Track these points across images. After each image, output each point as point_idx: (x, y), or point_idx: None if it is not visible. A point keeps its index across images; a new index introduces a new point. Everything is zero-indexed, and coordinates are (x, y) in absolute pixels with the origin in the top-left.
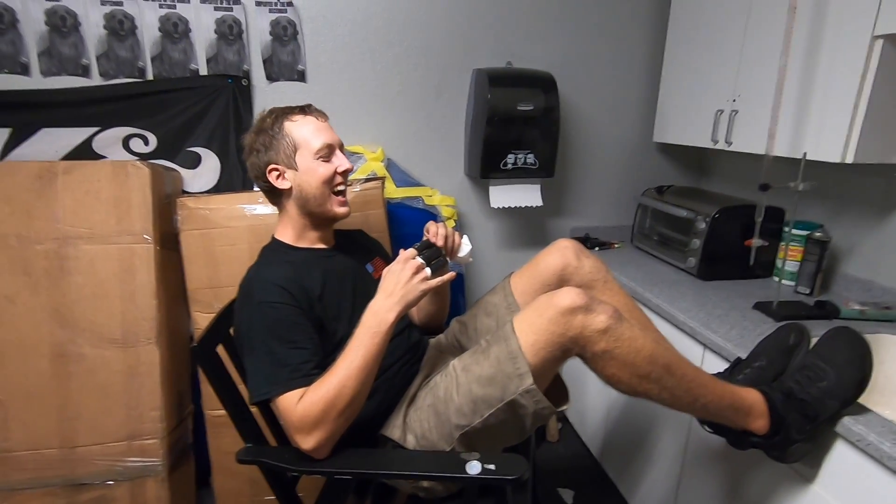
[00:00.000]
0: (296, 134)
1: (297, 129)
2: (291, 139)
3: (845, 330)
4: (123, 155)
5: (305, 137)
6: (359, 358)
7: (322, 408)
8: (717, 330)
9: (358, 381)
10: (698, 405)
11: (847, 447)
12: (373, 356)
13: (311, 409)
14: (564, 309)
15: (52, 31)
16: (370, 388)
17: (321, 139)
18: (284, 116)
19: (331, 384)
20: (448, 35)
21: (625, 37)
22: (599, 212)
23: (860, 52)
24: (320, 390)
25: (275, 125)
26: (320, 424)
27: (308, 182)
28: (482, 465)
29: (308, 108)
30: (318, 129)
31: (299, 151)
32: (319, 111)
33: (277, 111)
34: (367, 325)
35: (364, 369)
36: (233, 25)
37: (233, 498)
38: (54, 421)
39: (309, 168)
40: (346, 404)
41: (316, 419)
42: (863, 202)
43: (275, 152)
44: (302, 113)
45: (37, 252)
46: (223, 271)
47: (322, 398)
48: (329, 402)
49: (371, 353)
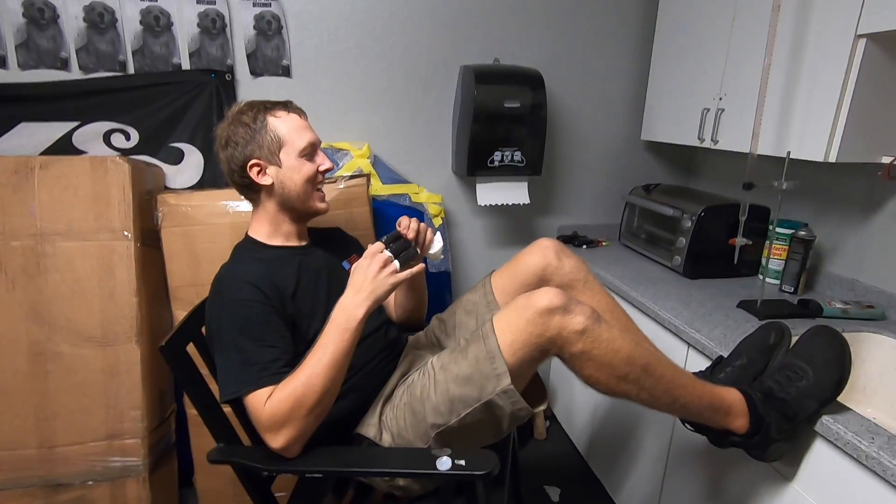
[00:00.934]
0: (281, 130)
1: (282, 125)
2: (276, 135)
3: (824, 329)
4: (104, 150)
5: (291, 134)
6: (327, 355)
7: (290, 405)
8: (701, 329)
9: (327, 379)
10: (678, 405)
11: (825, 446)
12: (342, 353)
13: (280, 406)
14: (542, 309)
15: (30, 23)
16: (340, 385)
17: (305, 138)
18: (267, 111)
19: (298, 381)
20: (435, 31)
21: (613, 34)
22: (587, 210)
23: (843, 51)
24: (288, 388)
25: (257, 119)
26: (289, 422)
27: (291, 179)
28: (453, 461)
29: (289, 104)
30: (301, 128)
31: (284, 148)
32: (299, 108)
33: (257, 105)
34: (337, 321)
35: (333, 366)
36: (216, 19)
37: (216, 497)
38: (32, 420)
39: (293, 166)
40: (314, 402)
41: (284, 417)
42: (846, 201)
43: (257, 147)
44: (285, 109)
45: (13, 249)
46: (205, 269)
47: (290, 395)
48: (297, 399)
49: (340, 349)
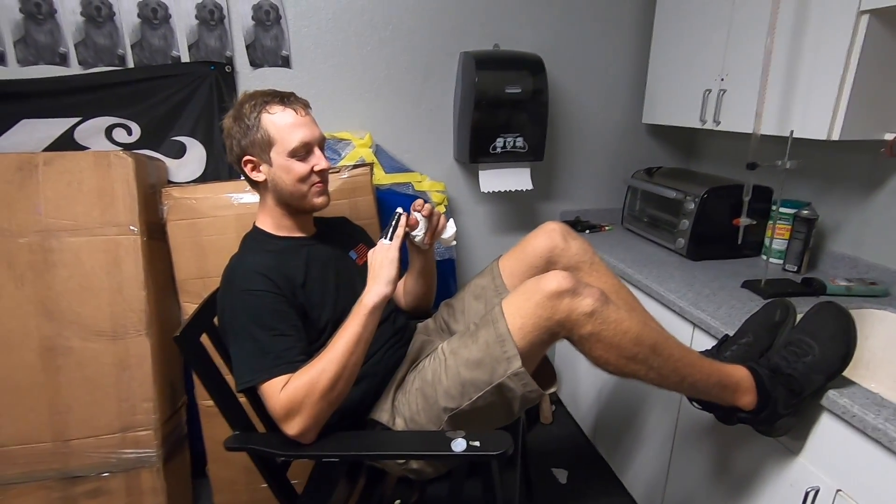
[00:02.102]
0: (272, 129)
1: (274, 123)
2: (267, 134)
3: (830, 305)
4: (106, 145)
5: (282, 134)
6: (341, 343)
7: (304, 393)
8: (706, 309)
9: (339, 366)
10: (686, 384)
11: (832, 419)
12: (354, 340)
13: (294, 394)
14: (551, 293)
15: (28, 18)
16: (355, 373)
17: (298, 137)
18: (264, 106)
19: (313, 370)
20: (434, 17)
21: (613, 17)
22: (589, 194)
23: (846, 27)
24: (303, 377)
25: (252, 114)
26: (303, 410)
27: (282, 178)
28: (467, 443)
29: (289, 98)
30: (296, 125)
31: (274, 148)
32: (302, 102)
33: (258, 98)
34: (353, 312)
35: (346, 354)
36: (213, 10)
37: (229, 486)
38: (45, 415)
39: (283, 166)
40: (327, 389)
41: (299, 404)
42: (849, 179)
43: (249, 143)
44: (282, 104)
45: (20, 245)
46: (211, 261)
47: (304, 383)
48: (310, 386)
49: (352, 336)
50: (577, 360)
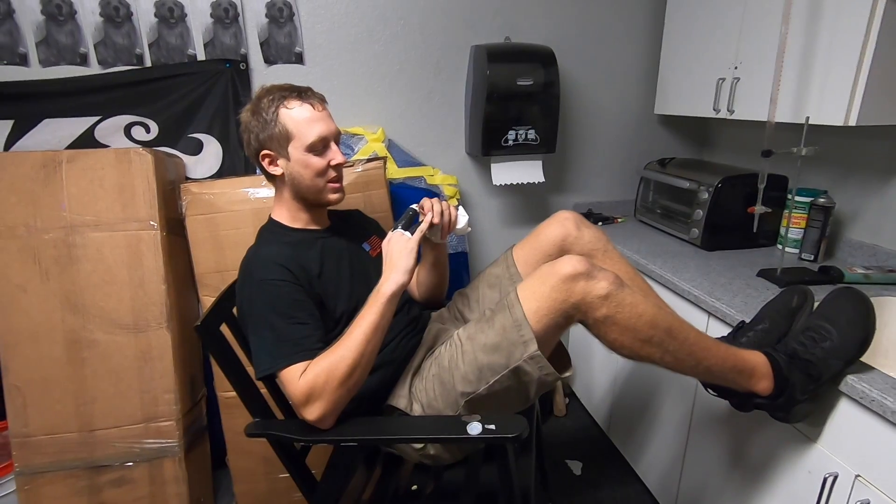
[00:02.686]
0: (290, 124)
1: (292, 117)
2: (285, 128)
3: (848, 290)
4: (125, 143)
5: (299, 129)
6: (359, 331)
7: (323, 379)
8: (721, 297)
9: (358, 353)
10: (701, 368)
11: (850, 405)
12: (371, 328)
13: (314, 380)
14: (566, 276)
15: (49, 19)
16: (372, 360)
17: (315, 131)
18: (281, 101)
19: (332, 357)
20: (445, 11)
21: (624, 8)
22: (602, 186)
23: (863, 12)
24: (322, 363)
25: (270, 108)
26: (322, 395)
27: (300, 173)
28: (483, 426)
29: (306, 93)
30: (313, 120)
31: (292, 142)
32: (318, 97)
33: (276, 92)
34: (370, 300)
35: (364, 341)
36: (228, 8)
37: (248, 476)
38: (71, 405)
39: (300, 160)
40: (345, 375)
41: (318, 391)
42: (867, 166)
43: (267, 138)
44: (299, 99)
45: (45, 241)
46: (229, 255)
47: (323, 370)
48: (329, 373)
49: (370, 324)
50: (590, 352)
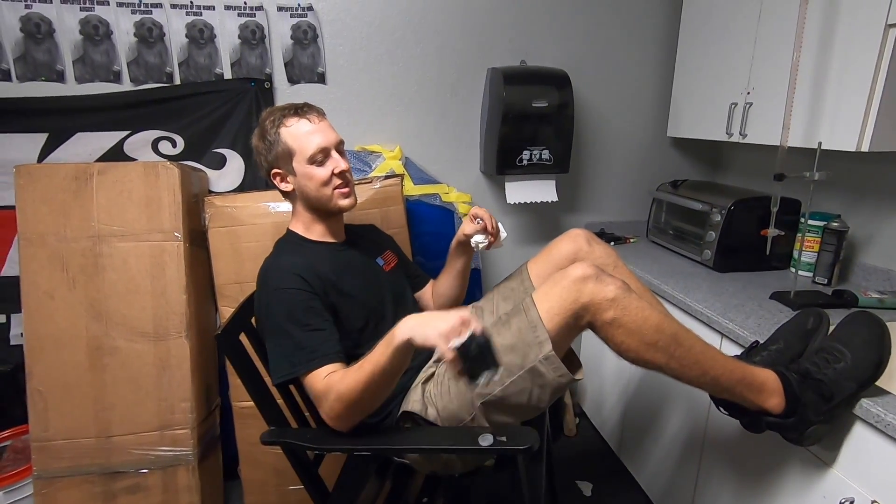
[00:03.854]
0: (290, 140)
1: (292, 134)
2: (287, 146)
3: (863, 314)
4: (152, 157)
5: (300, 143)
6: (370, 365)
7: (360, 394)
8: (734, 319)
9: (372, 384)
10: (708, 378)
11: (866, 429)
12: (381, 367)
13: (348, 394)
14: (577, 278)
15: (86, 39)
16: (388, 389)
17: (315, 143)
18: (281, 120)
19: (351, 379)
20: (463, 35)
21: (637, 32)
22: (614, 207)
23: (874, 41)
24: (357, 378)
25: (272, 129)
26: (349, 412)
27: (307, 185)
28: (494, 438)
29: (302, 109)
30: (311, 133)
31: (295, 157)
32: (316, 110)
33: (276, 114)
34: (386, 337)
35: (375, 377)
36: (255, 30)
37: (259, 487)
38: (91, 411)
39: (305, 173)
40: (358, 399)
41: (340, 398)
42: (880, 191)
43: (275, 157)
44: (296, 115)
45: (73, 249)
46: (249, 267)
47: (359, 388)
48: (353, 387)
49: (380, 363)
50: (601, 371)
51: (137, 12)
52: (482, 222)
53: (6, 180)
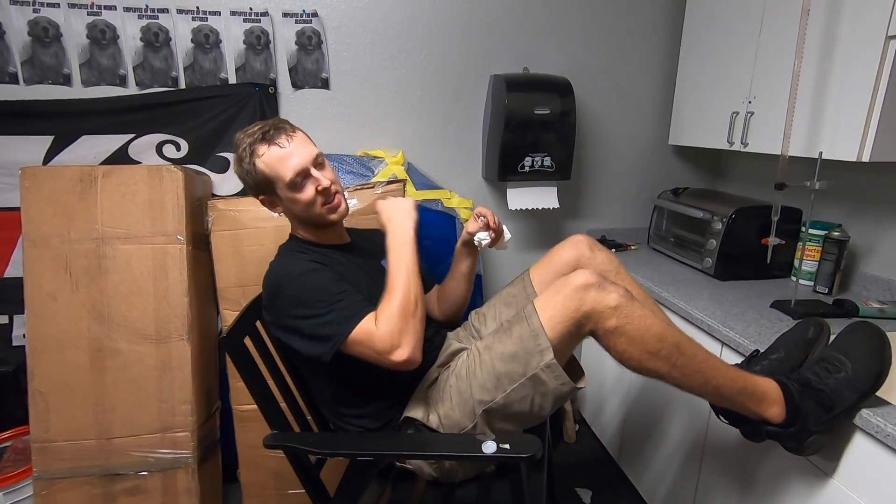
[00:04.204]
0: (266, 170)
1: (266, 163)
2: (263, 176)
3: (864, 324)
4: (157, 160)
5: (276, 171)
6: (404, 269)
7: (399, 315)
8: (735, 327)
9: (414, 286)
10: (710, 387)
11: (866, 439)
12: (413, 263)
13: (392, 321)
14: (579, 286)
15: (93, 43)
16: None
17: (290, 168)
18: (253, 151)
19: (395, 296)
20: (466, 43)
21: (640, 41)
22: (615, 214)
23: (874, 52)
24: (390, 305)
25: (246, 160)
26: (405, 331)
27: (293, 209)
28: (497, 445)
29: (269, 134)
30: (284, 157)
31: (276, 185)
32: (285, 129)
33: (246, 142)
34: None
35: (413, 275)
36: (260, 36)
37: (258, 491)
38: (92, 413)
39: (288, 198)
40: (415, 306)
41: (401, 328)
42: (881, 201)
43: (256, 187)
44: (265, 143)
45: (77, 251)
46: (251, 270)
47: (397, 308)
48: (402, 308)
49: (410, 260)
50: (601, 379)
51: (144, 17)
52: (485, 219)
53: (11, 182)
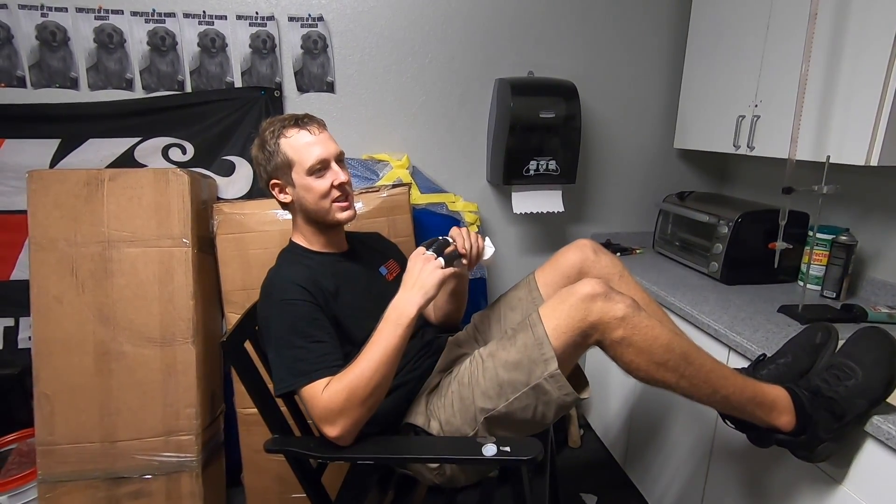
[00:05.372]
0: (290, 152)
1: (291, 145)
2: (286, 156)
3: (874, 330)
4: (162, 163)
5: (299, 154)
6: (380, 349)
7: (346, 396)
8: (742, 332)
9: (380, 373)
10: (719, 397)
11: (877, 446)
12: (394, 348)
13: (336, 397)
14: (585, 296)
15: (100, 47)
16: (392, 378)
17: (314, 155)
18: (281, 131)
19: (354, 374)
20: (471, 46)
21: (645, 45)
22: (620, 218)
23: (883, 55)
24: (344, 380)
25: (272, 140)
26: (345, 412)
27: (305, 197)
28: (498, 448)
29: (303, 120)
30: (311, 144)
31: (294, 168)
32: (316, 121)
33: (276, 124)
34: (389, 318)
35: (386, 361)
36: (266, 40)
37: (261, 495)
38: (96, 416)
39: (303, 185)
40: (368, 393)
41: (340, 407)
42: (889, 206)
43: (274, 168)
44: (296, 126)
45: (83, 254)
46: (255, 274)
47: (345, 387)
48: (352, 390)
49: (392, 344)
50: (606, 383)
51: (151, 21)
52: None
53: (19, 185)
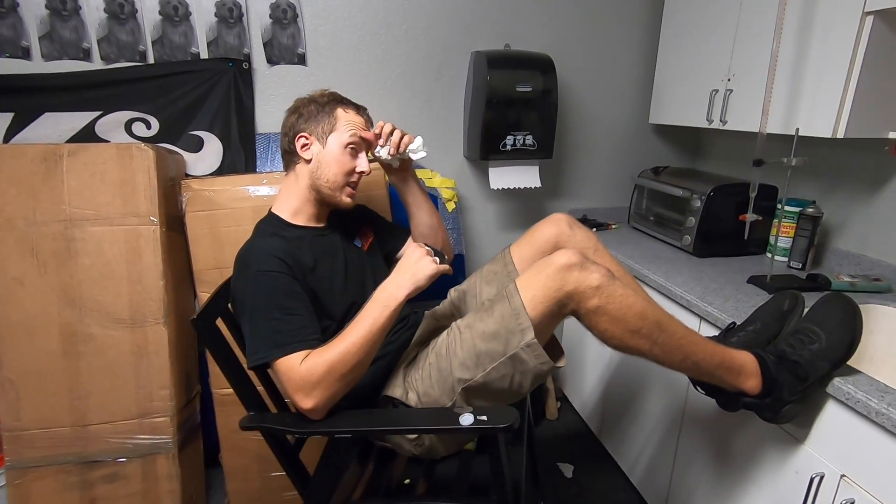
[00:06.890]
0: (342, 118)
1: (345, 115)
2: (335, 119)
3: (836, 296)
4: (126, 139)
5: (346, 127)
6: (365, 328)
7: (325, 369)
8: (713, 302)
9: (362, 350)
10: (689, 362)
11: (837, 406)
12: (379, 328)
13: (315, 369)
14: (561, 266)
15: (53, 14)
16: (373, 358)
17: (357, 136)
18: (341, 103)
19: (337, 349)
20: (447, 18)
21: (621, 18)
22: (596, 193)
23: (851, 28)
24: (326, 354)
25: (328, 103)
26: (322, 385)
27: (328, 164)
28: (475, 417)
29: (363, 109)
30: (360, 125)
31: (335, 133)
32: (369, 116)
33: (338, 96)
34: (378, 298)
35: (369, 339)
36: (233, 8)
37: (241, 474)
38: (65, 400)
39: (334, 152)
40: (349, 369)
41: (318, 379)
42: (854, 178)
43: (314, 123)
44: (356, 110)
45: (43, 234)
46: (228, 252)
47: (325, 361)
48: (332, 364)
49: (378, 324)
50: (582, 357)
51: None
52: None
53: None
